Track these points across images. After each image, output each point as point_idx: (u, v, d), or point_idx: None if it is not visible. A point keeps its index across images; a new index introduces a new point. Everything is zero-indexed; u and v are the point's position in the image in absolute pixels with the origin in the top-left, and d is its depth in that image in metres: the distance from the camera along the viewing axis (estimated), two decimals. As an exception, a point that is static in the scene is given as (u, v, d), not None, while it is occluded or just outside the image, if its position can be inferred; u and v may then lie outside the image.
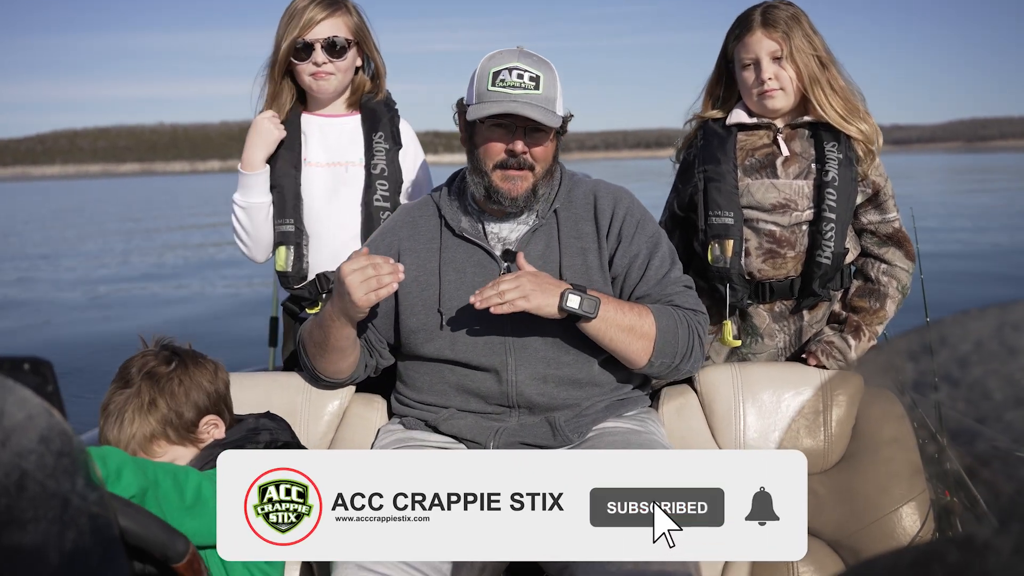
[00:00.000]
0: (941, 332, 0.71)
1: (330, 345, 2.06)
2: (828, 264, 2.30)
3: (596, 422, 2.04)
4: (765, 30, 2.32)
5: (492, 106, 1.93)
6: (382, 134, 2.49)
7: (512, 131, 1.97)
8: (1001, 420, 0.66)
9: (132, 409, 1.66)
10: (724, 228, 2.33)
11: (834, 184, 2.29)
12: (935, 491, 1.05)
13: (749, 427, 2.15)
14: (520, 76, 1.95)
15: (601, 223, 2.09)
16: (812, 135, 2.38)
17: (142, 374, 1.70)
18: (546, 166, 2.03)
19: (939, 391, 0.72)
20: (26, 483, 0.67)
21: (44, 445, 0.68)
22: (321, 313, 2.06)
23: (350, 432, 2.20)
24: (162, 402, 1.68)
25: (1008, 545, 0.58)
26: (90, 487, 0.69)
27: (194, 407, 1.71)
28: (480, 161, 2.02)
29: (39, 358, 0.79)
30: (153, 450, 1.66)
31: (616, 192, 2.16)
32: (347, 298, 1.89)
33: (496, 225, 2.10)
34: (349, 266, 1.89)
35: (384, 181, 2.46)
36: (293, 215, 2.43)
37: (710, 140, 2.42)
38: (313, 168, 2.47)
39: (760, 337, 2.40)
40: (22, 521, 0.66)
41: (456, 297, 2.03)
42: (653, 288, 2.05)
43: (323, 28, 2.38)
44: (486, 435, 1.99)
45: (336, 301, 1.96)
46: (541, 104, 1.95)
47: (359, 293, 1.87)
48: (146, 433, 1.65)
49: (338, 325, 2.00)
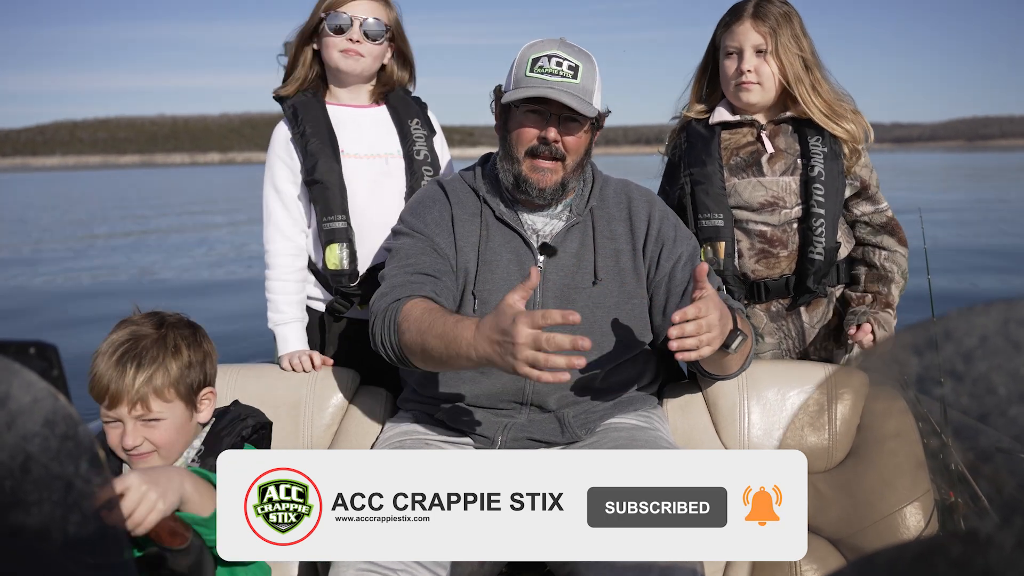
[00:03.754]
0: (946, 327, 0.71)
1: (447, 367, 1.84)
2: (821, 259, 2.31)
3: (604, 418, 2.04)
4: (754, 21, 2.31)
5: (528, 90, 1.92)
6: (418, 120, 2.46)
7: (546, 118, 1.95)
8: (1005, 416, 0.66)
9: (156, 351, 1.61)
10: (715, 230, 2.33)
11: (821, 179, 2.30)
12: (939, 489, 1.05)
13: (753, 424, 2.15)
14: (559, 64, 1.93)
15: (637, 226, 2.07)
16: (795, 130, 2.38)
17: (165, 325, 1.66)
18: (577, 158, 2.01)
19: (944, 387, 0.72)
20: (31, 466, 0.67)
21: (49, 428, 0.69)
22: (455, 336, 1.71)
23: (355, 425, 2.20)
24: (186, 353, 1.65)
25: (1010, 540, 0.58)
26: (94, 471, 0.69)
27: (204, 373, 1.69)
28: (512, 147, 1.99)
29: (45, 342, 0.80)
30: (164, 396, 1.61)
31: (648, 195, 2.16)
32: (508, 359, 1.58)
33: (530, 216, 2.07)
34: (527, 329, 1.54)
35: (428, 167, 2.42)
36: (342, 211, 2.34)
37: (694, 142, 2.41)
38: (353, 160, 2.39)
39: (760, 337, 2.40)
40: (26, 503, 0.67)
41: (487, 282, 2.01)
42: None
43: (363, 7, 2.35)
44: (494, 430, 1.99)
45: (488, 347, 1.62)
46: (578, 94, 1.92)
47: (522, 365, 1.56)
48: (165, 377, 1.60)
49: (472, 364, 1.72)
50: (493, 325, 1.61)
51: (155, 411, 1.60)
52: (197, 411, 1.69)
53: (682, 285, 2.04)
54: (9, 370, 0.70)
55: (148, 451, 1.62)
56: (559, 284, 2.01)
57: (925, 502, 1.92)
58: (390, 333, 1.88)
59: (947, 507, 0.99)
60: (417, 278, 1.96)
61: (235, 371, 2.24)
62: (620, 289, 2.04)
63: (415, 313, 1.84)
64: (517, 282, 1.98)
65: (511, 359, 1.57)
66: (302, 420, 2.20)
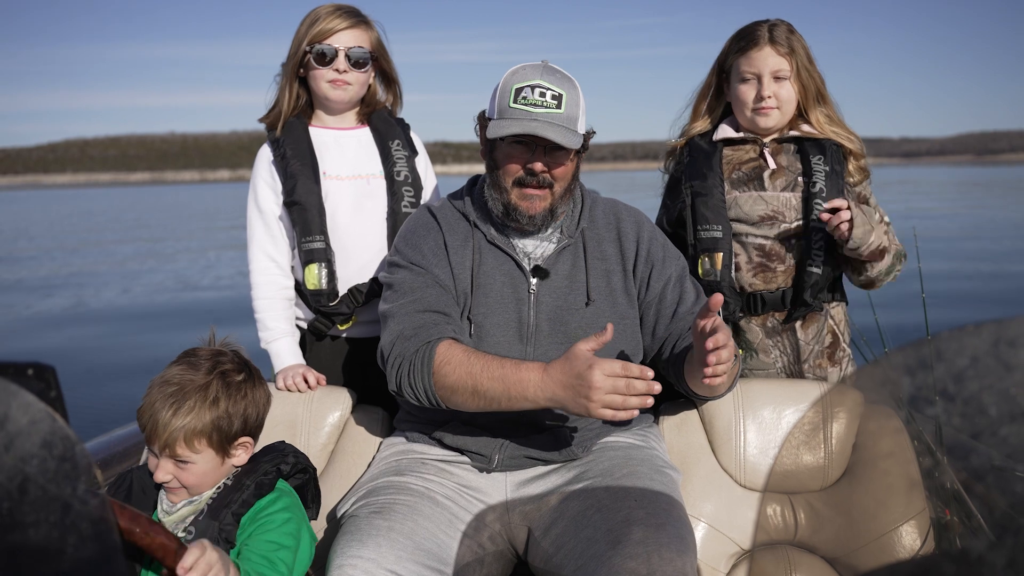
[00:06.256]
0: (939, 347, 0.71)
1: (500, 407, 1.85)
2: (818, 274, 2.33)
3: (600, 436, 2.04)
4: (773, 47, 2.34)
5: (513, 125, 1.92)
6: (399, 142, 2.48)
7: (532, 149, 1.96)
8: (996, 435, 0.66)
9: (195, 399, 1.63)
10: (713, 241, 2.35)
11: (822, 195, 2.32)
12: (934, 508, 1.05)
13: (749, 443, 2.15)
14: (542, 94, 1.93)
15: (626, 247, 2.09)
16: (798, 149, 2.41)
17: (216, 371, 1.67)
18: (565, 184, 2.02)
19: (937, 406, 0.72)
20: (28, 487, 0.67)
21: (47, 450, 0.69)
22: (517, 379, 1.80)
23: (351, 444, 2.20)
24: (224, 405, 1.66)
25: (1002, 559, 0.59)
26: (91, 492, 0.69)
27: (243, 423, 1.69)
28: (500, 177, 2.01)
29: (43, 363, 0.80)
30: (192, 446, 1.63)
31: (636, 215, 2.17)
32: (581, 401, 1.72)
33: (521, 240, 2.08)
34: (603, 377, 1.69)
35: (409, 188, 2.44)
36: (320, 231, 2.37)
37: (696, 156, 2.44)
38: (335, 182, 2.42)
39: (755, 352, 2.41)
40: (24, 524, 0.67)
41: (482, 305, 2.02)
42: (694, 306, 2.06)
43: (347, 37, 2.37)
44: (492, 448, 1.99)
45: (558, 389, 1.75)
46: (562, 123, 1.93)
47: (598, 408, 1.71)
48: (196, 427, 1.62)
49: (534, 404, 1.81)
50: (567, 370, 1.74)
51: (182, 455, 1.63)
52: (230, 456, 1.70)
53: (672, 306, 2.06)
54: (7, 391, 0.70)
55: (177, 487, 1.65)
56: (552, 306, 2.02)
57: (921, 521, 1.92)
58: (423, 376, 1.89)
59: (943, 526, 1.00)
60: (432, 317, 1.97)
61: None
62: (612, 309, 2.05)
63: (456, 356, 1.87)
64: (511, 307, 1.99)
65: (585, 401, 1.71)
66: (299, 440, 2.19)
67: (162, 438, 1.61)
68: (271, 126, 2.45)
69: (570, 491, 1.90)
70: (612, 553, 1.63)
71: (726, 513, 2.10)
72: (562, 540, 1.80)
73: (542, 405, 1.80)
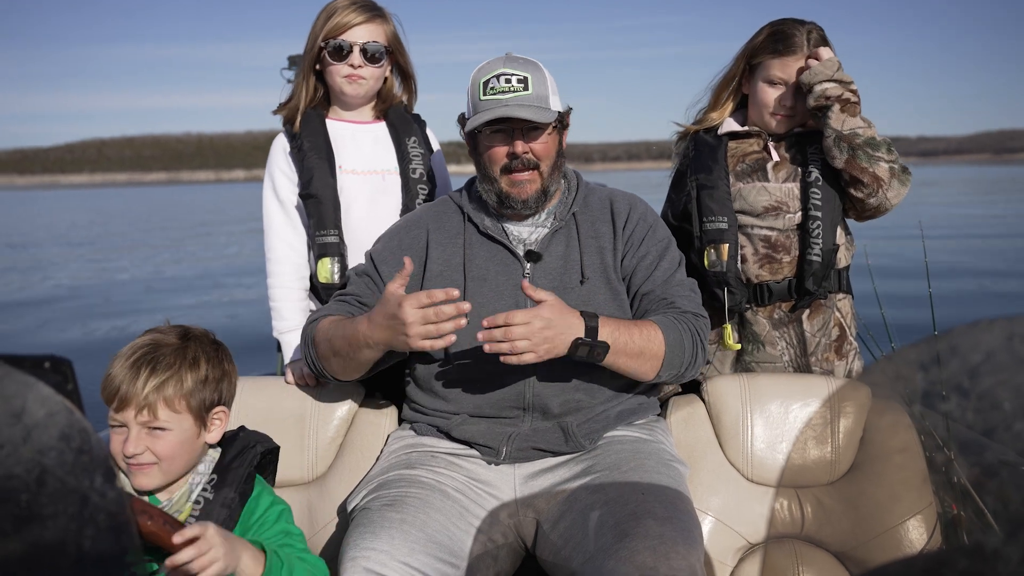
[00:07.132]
0: (950, 343, 0.72)
1: (355, 362, 1.99)
2: (818, 261, 2.34)
3: (607, 429, 2.05)
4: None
5: (485, 114, 1.99)
6: (415, 139, 2.49)
7: (510, 134, 2.02)
8: (1010, 431, 0.66)
9: (173, 358, 1.58)
10: (719, 233, 2.37)
11: (818, 183, 2.34)
12: (942, 503, 1.05)
13: (756, 437, 2.15)
14: (508, 80, 2.00)
15: (617, 224, 2.12)
16: (797, 139, 2.43)
17: (189, 337, 1.64)
18: (551, 162, 2.06)
19: (948, 402, 0.72)
20: (46, 479, 0.68)
21: (64, 442, 0.69)
22: (353, 331, 1.93)
23: (360, 438, 2.21)
24: (204, 366, 1.63)
25: (1017, 554, 0.59)
26: (108, 485, 0.70)
27: (218, 391, 1.66)
28: (487, 168, 2.06)
29: (59, 357, 0.80)
30: (173, 406, 1.57)
31: (630, 197, 2.20)
32: (401, 338, 1.81)
33: (516, 227, 2.12)
34: (412, 310, 1.76)
35: (424, 185, 2.45)
36: (335, 225, 2.37)
37: (701, 150, 2.46)
38: (350, 176, 2.42)
39: (761, 344, 2.41)
40: (42, 517, 0.67)
41: (479, 296, 2.04)
42: (658, 286, 2.06)
43: (362, 31, 2.37)
44: (499, 440, 2.00)
45: (381, 332, 1.85)
46: (532, 103, 1.99)
47: (416, 340, 1.78)
48: (176, 385, 1.57)
49: (373, 351, 1.93)
50: (382, 313, 1.83)
51: (162, 419, 1.56)
52: (206, 429, 1.66)
53: (639, 284, 2.07)
54: (25, 384, 0.70)
55: (149, 462, 1.57)
56: (547, 287, 2.02)
57: (928, 515, 1.92)
58: (310, 351, 2.06)
59: (950, 520, 1.00)
60: (339, 306, 2.11)
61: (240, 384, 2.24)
62: (608, 286, 2.07)
63: (323, 327, 2.04)
64: (507, 294, 2.02)
65: (404, 337, 1.79)
66: (307, 433, 2.20)
67: (138, 402, 1.54)
68: (288, 119, 2.45)
69: (578, 485, 1.91)
70: (620, 546, 1.63)
71: (733, 507, 2.11)
72: (570, 533, 1.81)
73: (382, 350, 1.91)
